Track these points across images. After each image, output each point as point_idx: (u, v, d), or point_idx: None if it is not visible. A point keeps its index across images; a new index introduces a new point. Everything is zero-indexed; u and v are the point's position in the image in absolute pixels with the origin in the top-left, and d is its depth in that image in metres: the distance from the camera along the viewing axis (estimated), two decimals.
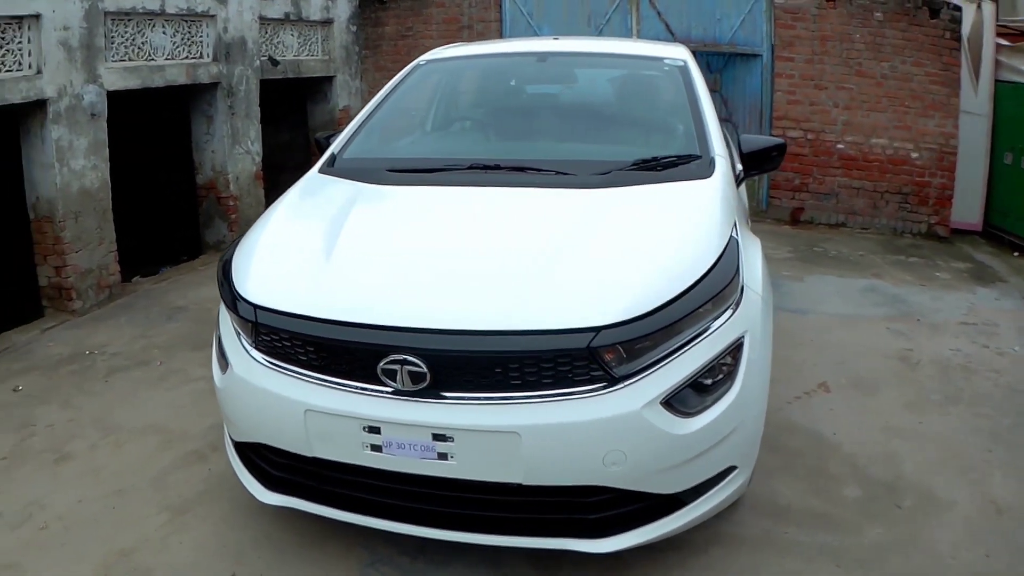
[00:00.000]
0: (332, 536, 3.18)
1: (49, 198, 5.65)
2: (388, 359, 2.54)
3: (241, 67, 7.48)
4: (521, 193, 3.30)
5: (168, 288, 6.53)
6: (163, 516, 3.40)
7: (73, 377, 4.81)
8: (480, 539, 2.70)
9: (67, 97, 5.61)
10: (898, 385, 4.61)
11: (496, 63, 4.76)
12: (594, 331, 2.48)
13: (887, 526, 3.29)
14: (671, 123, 3.93)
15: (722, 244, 2.87)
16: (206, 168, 7.53)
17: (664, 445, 2.56)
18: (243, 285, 2.89)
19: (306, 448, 2.73)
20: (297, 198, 3.59)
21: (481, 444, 2.55)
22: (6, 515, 3.43)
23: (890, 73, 8.02)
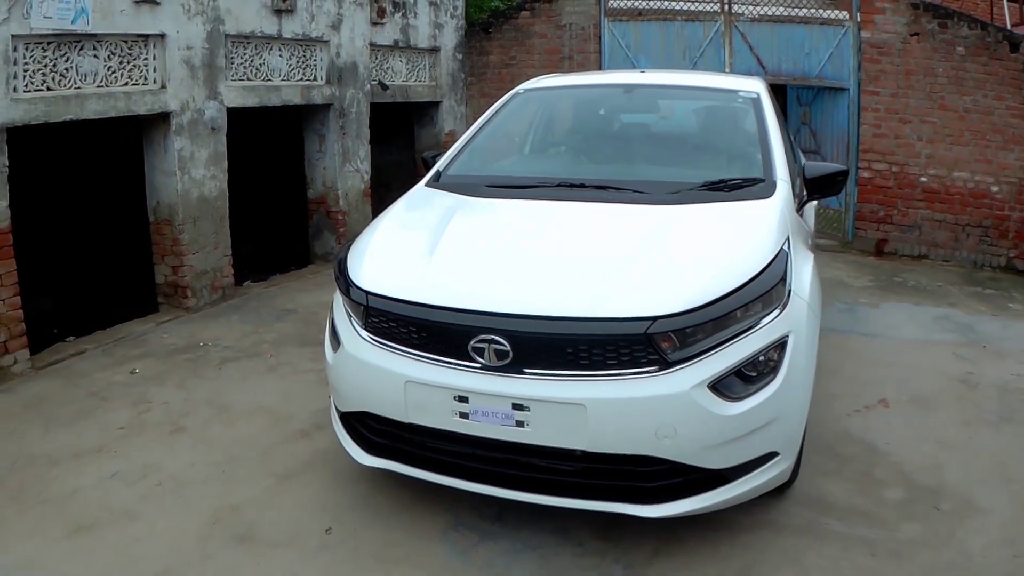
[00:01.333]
0: (421, 502, 3.59)
1: (169, 203, 6.22)
2: (477, 339, 2.99)
3: (352, 90, 8.02)
4: (600, 207, 3.75)
5: (277, 293, 7.05)
6: (268, 481, 3.84)
7: (187, 364, 5.32)
8: (549, 501, 3.09)
9: (189, 111, 6.19)
10: (955, 404, 4.75)
11: (587, 93, 5.21)
12: (651, 320, 2.89)
13: (924, 525, 3.48)
14: (741, 150, 4.30)
15: (772, 254, 3.23)
16: (317, 184, 8.08)
17: (710, 424, 2.93)
18: (356, 275, 3.39)
19: (403, 415, 3.18)
20: (404, 207, 4.10)
21: (552, 413, 2.95)
22: (124, 474, 3.90)
23: (972, 107, 8.07)
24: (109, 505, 3.63)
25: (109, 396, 4.79)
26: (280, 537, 3.40)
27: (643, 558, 3.23)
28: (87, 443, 4.19)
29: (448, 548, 3.31)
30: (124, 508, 3.61)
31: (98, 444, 4.18)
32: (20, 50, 4.96)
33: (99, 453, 4.09)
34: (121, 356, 5.45)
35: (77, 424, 4.41)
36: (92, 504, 3.63)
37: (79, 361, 5.34)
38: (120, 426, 4.40)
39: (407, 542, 3.35)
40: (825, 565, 3.19)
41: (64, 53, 5.23)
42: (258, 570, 3.19)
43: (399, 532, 3.42)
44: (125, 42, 5.66)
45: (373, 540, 3.37)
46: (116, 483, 3.81)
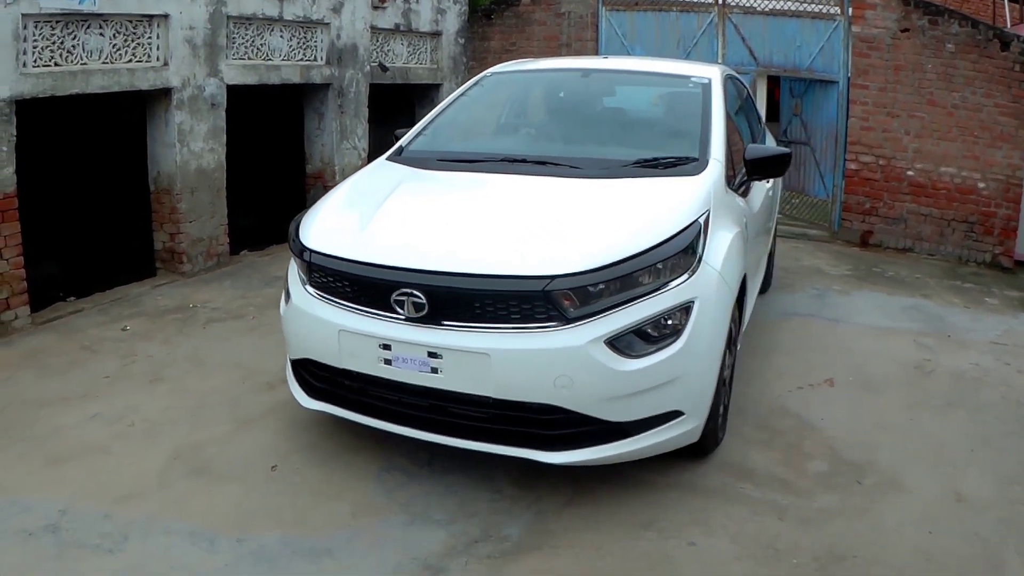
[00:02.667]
0: (361, 449, 3.92)
1: (169, 173, 6.58)
2: (398, 292, 3.32)
3: (352, 71, 8.33)
4: (532, 180, 4.05)
5: (271, 261, 7.39)
6: (230, 425, 4.20)
7: (175, 323, 5.69)
8: (463, 444, 3.42)
9: (190, 87, 6.52)
10: (904, 388, 4.86)
11: (549, 77, 5.50)
12: (548, 279, 3.19)
13: (841, 497, 3.62)
14: (682, 131, 4.51)
15: (683, 224, 3.48)
16: (315, 159, 8.43)
17: (605, 377, 3.20)
18: (304, 235, 3.76)
19: (338, 361, 3.54)
20: (360, 178, 4.47)
21: (462, 361, 3.28)
22: (104, 415, 4.27)
23: (960, 103, 8.16)
24: (85, 441, 3.99)
25: (100, 349, 5.16)
26: (231, 472, 3.76)
27: (555, 507, 3.50)
28: (74, 389, 4.56)
29: (377, 487, 3.64)
30: (98, 444, 3.97)
31: (84, 390, 4.55)
32: (29, 28, 5.29)
33: (83, 398, 4.46)
34: (116, 315, 5.82)
35: (68, 373, 4.79)
36: (70, 441, 3.99)
37: (76, 319, 5.72)
38: (106, 375, 4.77)
39: (342, 481, 3.68)
40: (730, 525, 3.37)
41: (71, 31, 5.57)
42: (207, 498, 3.54)
43: (338, 472, 3.75)
44: (130, 22, 6.00)
45: (313, 478, 3.71)
46: (94, 423, 4.18)
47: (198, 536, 3.26)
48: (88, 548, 3.18)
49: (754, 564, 3.16)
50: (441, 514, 3.44)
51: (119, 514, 3.39)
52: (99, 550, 3.16)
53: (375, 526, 3.35)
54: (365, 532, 3.31)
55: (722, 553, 3.22)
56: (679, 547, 3.25)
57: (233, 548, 3.19)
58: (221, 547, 3.19)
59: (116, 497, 3.51)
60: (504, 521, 3.40)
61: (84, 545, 3.19)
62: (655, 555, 3.20)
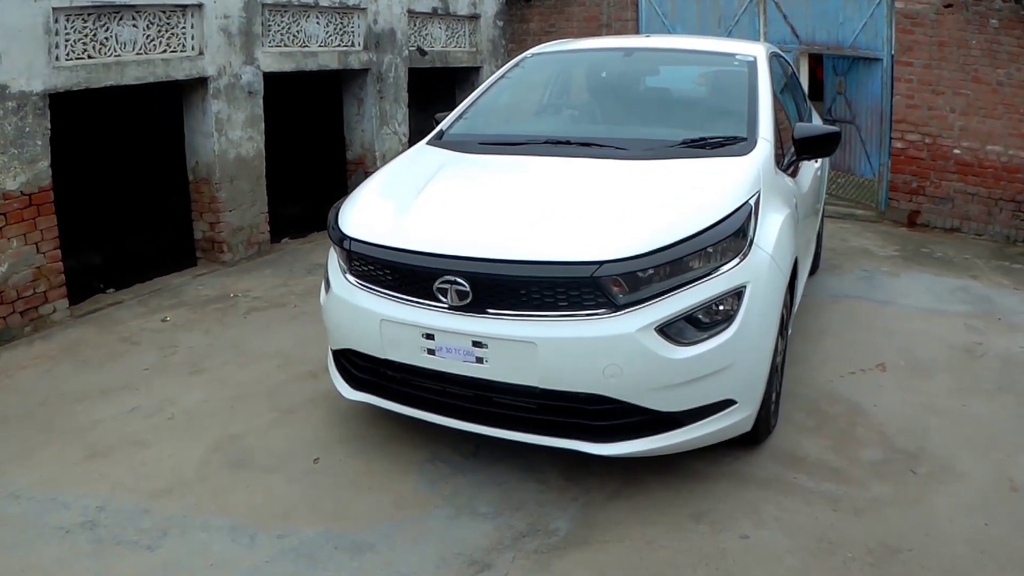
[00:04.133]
0: (404, 438, 3.86)
1: (207, 163, 6.56)
2: (441, 280, 3.24)
3: (390, 55, 8.27)
4: (577, 162, 3.94)
5: (312, 248, 7.36)
6: (272, 415, 4.17)
7: (216, 313, 5.67)
8: (508, 435, 3.33)
9: (226, 76, 6.49)
10: (955, 372, 4.75)
11: (590, 57, 5.39)
12: (597, 264, 3.08)
13: (895, 486, 3.51)
14: (729, 110, 4.39)
15: (734, 206, 3.36)
16: (355, 145, 8.39)
17: (656, 366, 3.10)
18: (344, 224, 3.68)
19: (380, 351, 3.48)
20: (400, 163, 4.38)
21: (507, 351, 3.19)
22: (143, 408, 4.25)
23: (1006, 80, 7.92)
24: (124, 434, 3.97)
25: (139, 341, 5.15)
26: (271, 463, 3.72)
27: (602, 498, 3.42)
28: (113, 382, 4.55)
29: (420, 478, 3.57)
30: (137, 437, 3.95)
31: (123, 383, 4.54)
32: (61, 21, 5.26)
33: (123, 390, 4.44)
34: (156, 306, 5.81)
35: (106, 366, 4.78)
36: (109, 434, 3.98)
37: (116, 310, 5.72)
38: (145, 367, 4.76)
39: (385, 472, 3.62)
40: (783, 517, 3.28)
41: (104, 23, 5.55)
42: (247, 490, 3.50)
43: (380, 463, 3.70)
44: (163, 12, 5.97)
45: (355, 469, 3.66)
46: (134, 416, 4.16)
47: (238, 531, 3.22)
48: (126, 544, 3.15)
49: (807, 557, 3.06)
50: (486, 506, 3.37)
51: (157, 509, 3.36)
52: (137, 547, 3.13)
53: (418, 519, 3.29)
54: (408, 525, 3.25)
55: (775, 546, 3.12)
56: (731, 540, 3.16)
57: (273, 543, 3.14)
58: (261, 542, 3.15)
59: (154, 491, 3.49)
60: (551, 513, 3.33)
61: (122, 541, 3.16)
62: (707, 548, 3.11)
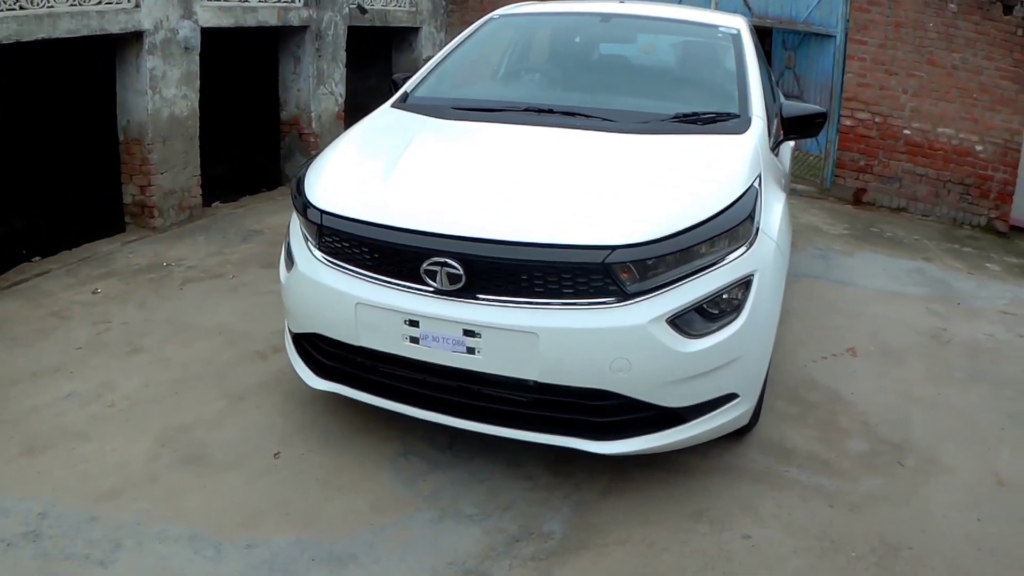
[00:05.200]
0: (371, 429, 3.54)
1: (140, 122, 6.05)
2: (430, 261, 2.90)
3: (330, 13, 7.82)
4: (566, 134, 3.64)
5: (246, 214, 6.91)
6: (221, 402, 3.79)
7: (150, 284, 5.22)
8: (498, 431, 3.04)
9: (163, 31, 5.97)
10: (925, 359, 4.71)
11: (563, 20, 5.07)
12: (610, 249, 2.81)
13: (885, 479, 3.44)
14: (717, 85, 4.19)
15: (741, 189, 3.14)
16: (291, 105, 7.92)
17: (666, 359, 2.86)
18: (313, 194, 3.28)
19: (354, 338, 3.11)
20: (367, 127, 3.99)
21: (504, 341, 2.89)
22: (79, 393, 3.81)
23: (961, 65, 7.95)
24: (62, 425, 3.55)
25: (70, 316, 4.69)
26: (228, 459, 3.36)
27: (594, 496, 3.20)
28: (45, 363, 4.10)
29: (395, 476, 3.28)
30: (76, 429, 3.54)
31: (56, 364, 4.10)
32: None
33: (56, 373, 4.01)
34: (85, 276, 5.33)
35: (37, 344, 4.32)
36: (46, 424, 3.55)
37: (43, 281, 5.21)
38: (78, 346, 4.31)
39: (354, 468, 3.31)
40: (780, 513, 3.16)
41: None
42: (204, 492, 3.14)
43: (347, 457, 3.38)
44: None
45: (320, 465, 3.33)
46: (70, 403, 3.74)
47: (200, 541, 2.86)
48: (76, 560, 2.76)
49: (812, 558, 2.93)
50: (472, 507, 3.10)
51: (107, 515, 2.97)
52: (88, 562, 2.75)
53: (401, 523, 2.99)
54: (390, 531, 2.95)
55: (778, 546, 2.98)
56: (734, 540, 2.99)
57: (242, 555, 2.80)
58: (228, 554, 2.81)
59: (102, 493, 3.10)
60: (543, 514, 3.08)
61: (71, 556, 2.78)
62: (711, 551, 2.93)
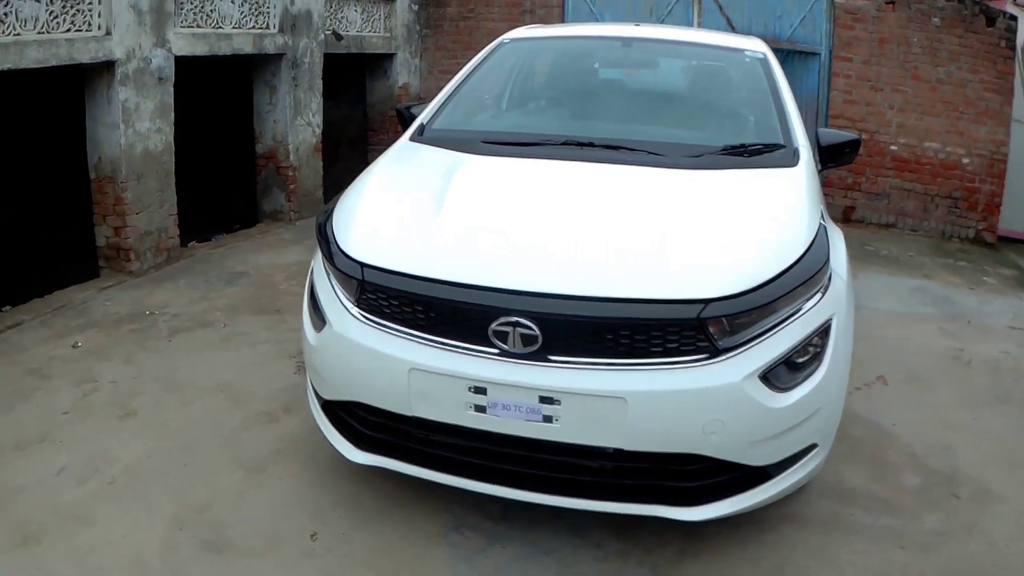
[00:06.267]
0: (414, 499, 3.20)
1: (112, 158, 5.66)
2: (500, 321, 2.60)
3: (306, 40, 7.50)
4: (616, 169, 3.39)
5: (226, 254, 6.54)
6: (237, 473, 3.42)
7: (134, 335, 4.82)
8: (576, 504, 2.75)
9: (135, 60, 5.62)
10: (951, 382, 4.64)
11: (580, 45, 4.82)
12: (703, 303, 2.57)
13: (945, 513, 3.34)
14: (755, 113, 4.01)
15: (814, 229, 2.97)
16: (267, 137, 7.55)
17: (760, 417, 2.65)
18: (347, 244, 2.95)
19: (406, 407, 2.77)
20: (392, 163, 3.67)
21: (587, 408, 2.61)
22: (72, 468, 3.40)
23: (945, 78, 7.98)
24: (59, 507, 3.15)
25: (50, 374, 4.28)
26: (257, 544, 2.98)
27: (668, 560, 2.95)
28: (29, 431, 3.69)
29: (452, 553, 2.95)
30: (76, 511, 3.13)
31: (40, 432, 3.69)
32: None
33: (42, 443, 3.60)
34: (62, 327, 4.92)
35: (16, 408, 3.91)
36: (39, 507, 3.15)
37: (16, 334, 4.79)
38: (64, 410, 3.90)
39: (403, 547, 2.97)
40: (856, 561, 3.00)
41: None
42: None
43: (393, 535, 3.04)
44: None
45: (364, 546, 2.98)
46: (64, 480, 3.33)
47: None
48: None
49: None
50: None
51: None
52: None
53: None
54: None
55: None
56: None
57: None
58: None
59: None
60: None
61: None
62: None
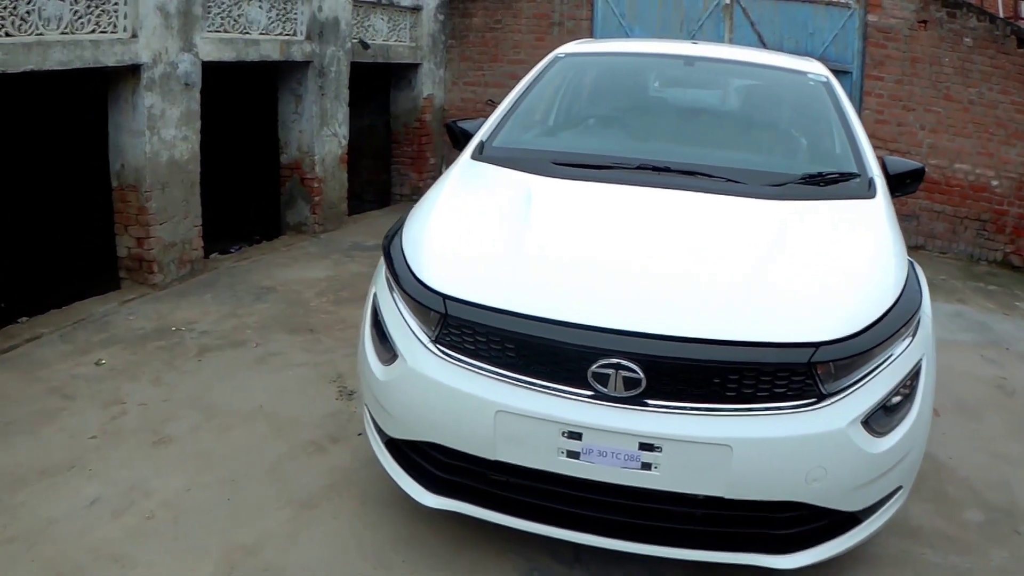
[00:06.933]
0: (480, 540, 3.03)
1: (136, 166, 5.49)
2: (602, 363, 2.44)
3: (333, 48, 7.34)
4: (700, 198, 3.25)
5: (250, 267, 6.36)
6: (287, 510, 3.22)
7: (161, 353, 4.64)
8: (671, 553, 2.63)
9: (162, 64, 5.45)
10: (1000, 412, 4.61)
11: (640, 63, 4.66)
12: (814, 346, 2.47)
13: (1010, 551, 3.30)
14: (826, 139, 3.92)
15: (905, 267, 2.93)
16: (291, 148, 7.37)
17: (860, 464, 2.56)
18: (425, 273, 2.78)
19: (489, 451, 2.60)
20: (460, 185, 3.50)
21: (690, 455, 2.47)
22: (106, 500, 3.19)
23: (977, 99, 7.90)
24: (94, 545, 2.94)
25: (74, 394, 4.09)
26: None
27: None
28: (55, 457, 3.49)
29: None
30: (114, 549, 2.92)
31: (69, 458, 3.48)
32: None
33: (71, 471, 3.40)
34: (83, 342, 4.73)
35: (40, 431, 3.71)
36: (72, 543, 2.94)
37: (35, 348, 4.60)
38: (92, 434, 3.70)
39: None
40: None
41: None
42: None
43: None
44: None
45: None
46: (98, 513, 3.12)
47: None
48: None
49: None
50: None
51: None
52: None
53: None
54: None
55: None
56: None
57: None
58: None
59: None
60: None
61: None
62: None
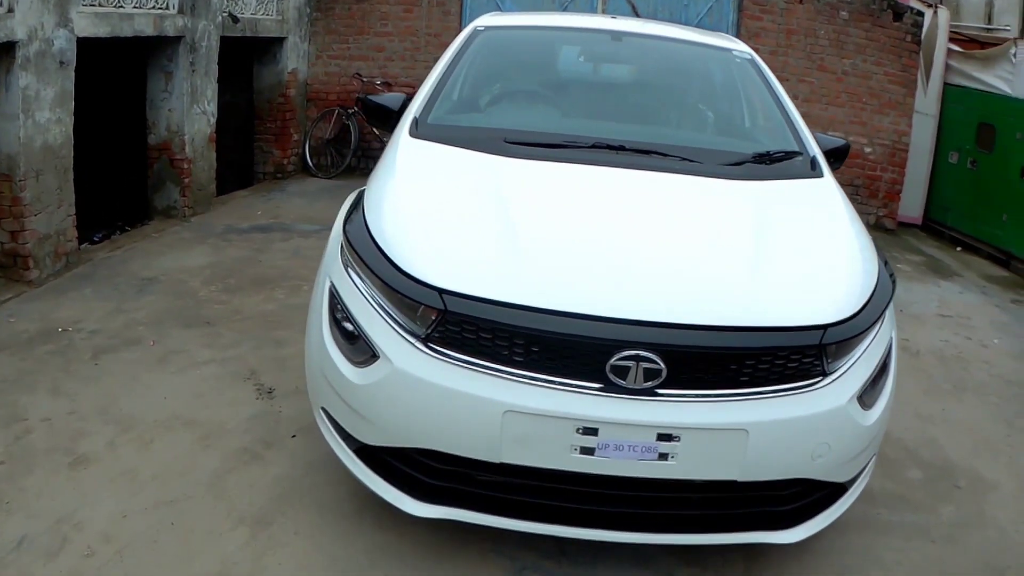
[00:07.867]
0: (459, 545, 2.86)
1: (10, 153, 4.96)
2: (621, 355, 2.32)
3: (204, 22, 6.87)
4: (670, 178, 3.19)
5: (126, 257, 5.87)
6: (241, 530, 2.90)
7: (53, 358, 4.16)
8: (680, 539, 2.63)
9: (37, 41, 4.94)
10: (910, 373, 4.76)
11: (566, 36, 4.58)
12: (823, 328, 2.49)
13: (955, 505, 3.46)
14: (763, 117, 3.99)
15: (873, 247, 3.01)
16: (160, 128, 6.86)
17: (856, 436, 2.63)
18: (418, 268, 2.51)
19: (494, 454, 2.42)
20: (412, 166, 3.25)
21: (707, 443, 2.42)
22: (34, 537, 2.77)
23: (851, 70, 8.25)
24: None
25: None
26: None
27: None
28: None
29: None
30: None
31: None
32: None
33: None
34: None
35: None
36: None
37: None
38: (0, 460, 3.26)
39: None
40: (901, 559, 3.06)
41: None
42: None
43: None
44: None
45: None
46: (28, 555, 2.70)
47: None
48: None
49: None
50: None
51: None
52: None
53: None
54: None
55: None
56: None
57: None
58: None
59: None
60: None
61: None
62: None
